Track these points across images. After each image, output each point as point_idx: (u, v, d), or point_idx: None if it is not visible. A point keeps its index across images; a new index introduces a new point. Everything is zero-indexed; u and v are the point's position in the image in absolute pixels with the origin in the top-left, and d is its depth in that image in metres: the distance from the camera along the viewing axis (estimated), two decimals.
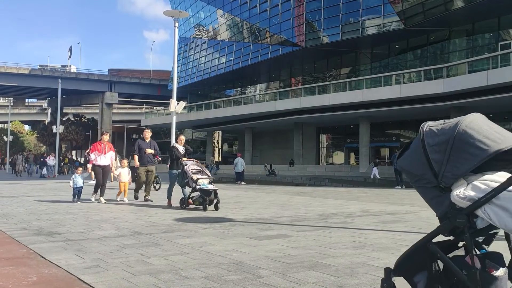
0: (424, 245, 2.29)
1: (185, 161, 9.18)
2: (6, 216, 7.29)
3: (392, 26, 31.75)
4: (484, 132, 2.08)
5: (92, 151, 10.10)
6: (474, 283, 2.00)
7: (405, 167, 2.33)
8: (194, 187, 8.63)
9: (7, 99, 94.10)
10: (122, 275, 3.55)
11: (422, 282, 2.34)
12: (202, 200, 8.46)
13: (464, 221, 2.08)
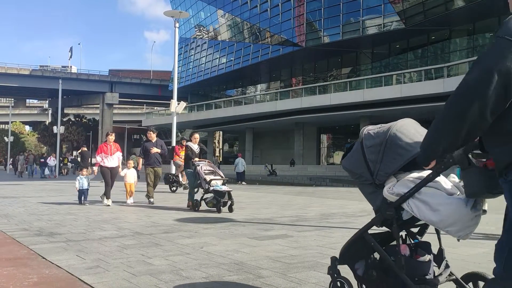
0: (361, 236, 2.58)
1: (197, 162, 8.86)
2: (7, 217, 7.29)
3: (393, 26, 31.75)
4: (411, 136, 2.38)
5: (98, 153, 9.81)
6: (399, 267, 2.34)
7: (347, 166, 2.58)
8: (207, 188, 8.35)
9: (8, 100, 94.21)
10: (122, 275, 3.55)
11: (361, 269, 2.66)
12: (216, 202, 8.17)
13: (392, 213, 2.34)
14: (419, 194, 2.26)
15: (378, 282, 2.54)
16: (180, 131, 54.00)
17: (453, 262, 4.06)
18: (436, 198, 2.23)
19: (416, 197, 2.25)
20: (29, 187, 16.18)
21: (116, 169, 9.79)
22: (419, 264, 2.44)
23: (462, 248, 4.79)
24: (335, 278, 2.79)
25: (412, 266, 2.40)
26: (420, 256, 2.50)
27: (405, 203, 2.29)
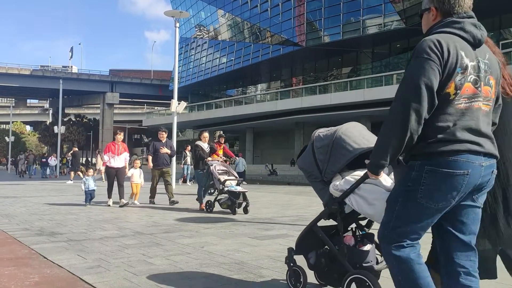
0: (311, 229, 2.92)
1: (210, 161, 8.59)
2: (8, 217, 7.30)
3: (393, 25, 31.74)
4: (354, 138, 2.68)
5: (106, 152, 9.58)
6: (342, 255, 2.72)
7: (301, 165, 2.89)
8: (222, 189, 8.07)
9: (8, 100, 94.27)
10: (123, 275, 3.56)
11: (313, 258, 3.00)
12: (231, 203, 7.86)
13: (336, 207, 2.69)
14: (359, 190, 2.57)
15: (326, 269, 2.91)
16: (180, 131, 54.01)
17: None
18: (373, 194, 2.48)
19: (356, 192, 2.57)
20: (30, 187, 16.19)
21: (122, 169, 9.58)
22: (361, 253, 2.77)
23: None
24: (291, 267, 3.11)
25: (354, 254, 2.75)
26: (362, 246, 2.82)
27: (347, 198, 2.62)
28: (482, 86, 2.02)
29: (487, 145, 2.02)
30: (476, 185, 2.03)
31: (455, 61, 1.94)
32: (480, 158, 1.99)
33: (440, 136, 1.96)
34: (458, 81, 1.95)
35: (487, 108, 2.06)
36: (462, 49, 1.98)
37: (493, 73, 2.10)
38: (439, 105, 1.96)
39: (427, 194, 1.99)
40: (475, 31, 2.06)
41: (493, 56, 2.16)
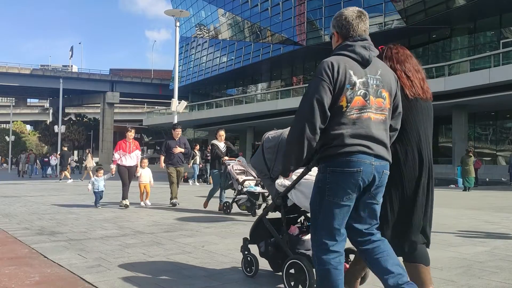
0: (261, 220, 3.30)
1: (227, 161, 8.22)
2: (8, 216, 7.30)
3: (394, 24, 31.72)
4: None
5: (116, 150, 9.12)
6: (284, 243, 3.09)
7: (253, 164, 3.20)
8: (240, 189, 7.67)
9: (9, 99, 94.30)
10: (124, 274, 3.56)
11: (263, 247, 3.35)
12: (250, 204, 7.56)
13: (280, 201, 3.05)
14: (299, 186, 2.90)
15: (274, 256, 3.29)
16: (183, 128, 53.92)
17: (454, 261, 4.06)
18: (309, 188, 2.64)
19: (296, 188, 2.91)
20: (30, 187, 16.20)
21: (133, 168, 9.15)
22: (301, 241, 3.15)
23: (464, 247, 4.79)
24: (246, 255, 3.49)
25: (296, 243, 3.13)
26: (303, 235, 3.19)
27: (289, 193, 2.96)
28: (371, 98, 2.37)
29: (377, 148, 2.35)
30: (370, 181, 2.34)
31: (344, 79, 2.31)
32: (370, 158, 2.32)
33: (336, 141, 2.32)
34: (349, 96, 2.31)
35: (381, 117, 2.39)
36: (351, 68, 2.34)
37: (385, 86, 2.43)
38: (334, 116, 2.33)
39: (332, 191, 2.33)
40: (363, 52, 2.39)
41: (387, 72, 2.49)
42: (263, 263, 3.53)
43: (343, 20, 2.48)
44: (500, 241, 5.17)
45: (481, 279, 3.44)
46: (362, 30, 2.48)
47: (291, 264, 2.94)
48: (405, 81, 2.68)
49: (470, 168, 15.79)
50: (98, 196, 8.84)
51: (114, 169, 9.18)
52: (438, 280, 3.40)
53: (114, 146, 9.53)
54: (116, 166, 9.09)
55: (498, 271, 3.68)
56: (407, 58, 2.75)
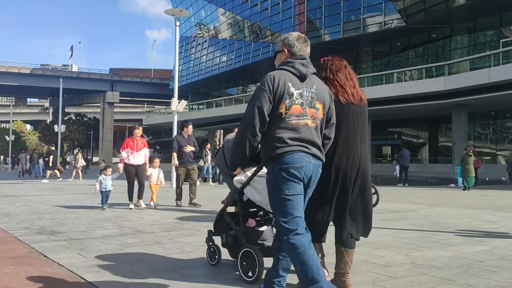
0: (221, 213, 3.65)
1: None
2: (8, 215, 7.30)
3: (394, 23, 31.71)
4: None
5: (124, 149, 8.72)
6: (240, 234, 3.42)
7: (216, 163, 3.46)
8: None
9: (8, 99, 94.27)
10: (124, 273, 3.56)
11: (224, 238, 3.69)
12: None
13: (237, 196, 3.33)
14: (253, 182, 3.16)
15: (233, 246, 3.57)
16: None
17: (454, 260, 4.07)
18: (261, 185, 3.00)
19: (250, 184, 3.18)
20: (30, 186, 16.20)
21: (142, 166, 8.83)
22: (256, 232, 3.46)
23: (463, 246, 4.79)
24: (210, 246, 3.85)
25: (251, 234, 3.45)
26: (260, 227, 3.52)
27: (245, 189, 3.23)
28: (307, 108, 2.74)
29: (313, 149, 2.73)
30: (310, 177, 2.71)
31: (283, 90, 2.68)
32: (309, 157, 2.69)
33: (278, 144, 2.66)
34: (287, 104, 2.69)
35: (314, 125, 2.76)
36: (290, 81, 2.73)
37: (319, 99, 2.80)
38: (276, 121, 2.69)
39: (284, 187, 2.64)
40: (301, 68, 2.79)
41: (322, 87, 2.87)
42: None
43: (291, 41, 2.91)
44: (499, 240, 5.17)
45: (481, 278, 3.44)
46: (305, 52, 2.91)
47: (245, 253, 3.26)
48: (338, 88, 3.09)
49: (470, 168, 15.78)
50: (105, 196, 8.38)
51: (122, 168, 8.85)
52: (438, 279, 3.40)
53: (121, 145, 9.17)
54: (124, 165, 8.73)
55: (498, 270, 3.68)
56: (341, 69, 3.17)
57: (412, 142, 36.01)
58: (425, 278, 3.43)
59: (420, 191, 15.65)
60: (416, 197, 12.01)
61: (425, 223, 6.68)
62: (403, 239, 5.20)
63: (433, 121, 33.95)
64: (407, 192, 14.59)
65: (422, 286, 3.21)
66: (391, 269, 3.72)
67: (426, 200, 11.07)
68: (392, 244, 4.86)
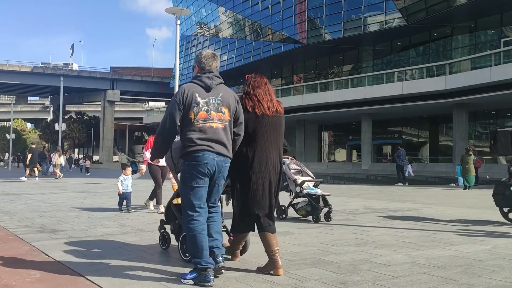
0: (169, 205, 4.17)
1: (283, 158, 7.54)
2: (9, 214, 7.31)
3: (395, 23, 31.66)
4: None
5: (147, 148, 7.95)
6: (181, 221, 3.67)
7: (166, 161, 3.83)
8: (300, 191, 6.73)
9: (9, 97, 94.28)
10: (124, 272, 3.56)
11: (172, 226, 4.20)
12: (311, 209, 6.63)
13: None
14: None
15: (178, 233, 4.05)
16: None
17: (455, 259, 4.07)
18: None
19: None
20: (30, 184, 16.21)
21: (166, 168, 8.06)
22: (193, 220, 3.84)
23: (464, 245, 4.79)
24: (162, 233, 4.42)
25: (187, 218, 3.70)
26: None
27: None
28: (213, 113, 3.35)
29: (218, 148, 3.33)
30: (214, 171, 3.34)
31: (191, 100, 3.31)
32: (213, 155, 3.31)
33: (188, 143, 3.31)
34: (195, 111, 3.31)
35: (222, 126, 3.37)
36: (198, 92, 3.36)
37: (225, 104, 3.41)
38: (187, 125, 3.32)
39: (189, 178, 3.31)
40: (207, 81, 3.41)
41: (228, 95, 3.48)
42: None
43: (200, 58, 3.54)
44: (500, 240, 5.17)
45: (481, 277, 3.44)
46: (213, 66, 3.51)
47: (183, 237, 3.83)
48: (255, 102, 3.65)
49: (470, 167, 15.76)
50: (124, 197, 7.71)
51: (144, 169, 8.29)
52: (438, 278, 3.40)
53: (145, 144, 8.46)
54: (147, 165, 7.99)
55: (498, 270, 3.68)
56: (261, 85, 3.71)
57: (412, 141, 35.98)
58: (426, 278, 3.43)
59: (420, 190, 15.65)
60: (416, 196, 12.01)
61: (425, 222, 6.68)
62: (404, 238, 5.20)
63: (433, 120, 33.92)
64: (408, 192, 14.59)
65: (423, 285, 3.21)
66: (392, 268, 3.72)
67: (427, 199, 11.07)
68: (392, 243, 4.87)
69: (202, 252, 3.23)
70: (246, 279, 3.37)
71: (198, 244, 3.24)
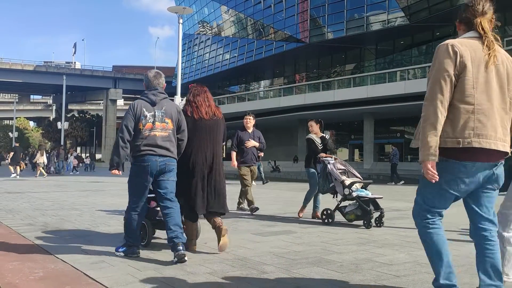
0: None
1: (325, 158, 6.69)
2: (12, 212, 7.33)
3: (397, 22, 31.62)
4: None
5: None
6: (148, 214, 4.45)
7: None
8: (349, 193, 6.14)
9: (12, 96, 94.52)
10: (127, 270, 3.57)
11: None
12: (362, 213, 6.02)
13: None
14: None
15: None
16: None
17: (456, 259, 4.06)
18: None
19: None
20: (33, 183, 16.26)
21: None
22: (155, 211, 4.49)
23: (466, 245, 4.78)
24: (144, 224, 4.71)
25: (151, 212, 4.48)
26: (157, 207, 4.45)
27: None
28: (157, 123, 4.05)
29: (160, 151, 4.02)
30: (158, 170, 4.02)
31: (140, 113, 4.03)
32: (156, 157, 4.01)
33: (137, 148, 4.02)
34: (143, 122, 4.03)
35: (165, 134, 4.07)
36: (145, 106, 4.08)
37: (167, 116, 4.11)
38: (137, 134, 4.02)
39: (136, 176, 4.08)
40: (152, 98, 4.13)
41: (171, 107, 4.17)
42: None
43: (147, 78, 4.25)
44: None
45: None
46: (156, 84, 4.22)
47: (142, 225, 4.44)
48: (194, 108, 4.35)
49: None
50: None
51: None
52: None
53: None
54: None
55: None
56: (200, 93, 4.40)
57: None
58: (428, 277, 3.42)
59: None
60: None
61: None
62: (405, 237, 5.20)
63: None
64: (409, 191, 14.56)
65: (425, 285, 3.21)
66: (394, 267, 3.72)
67: None
68: (394, 242, 4.86)
69: (133, 233, 4.10)
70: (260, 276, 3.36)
71: (131, 227, 4.09)
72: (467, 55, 2.47)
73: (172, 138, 4.11)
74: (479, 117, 2.43)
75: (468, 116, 2.43)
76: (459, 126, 2.44)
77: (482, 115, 2.44)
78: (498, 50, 2.52)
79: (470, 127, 2.43)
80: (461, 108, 2.44)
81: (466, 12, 2.70)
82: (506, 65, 2.52)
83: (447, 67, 2.45)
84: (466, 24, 2.73)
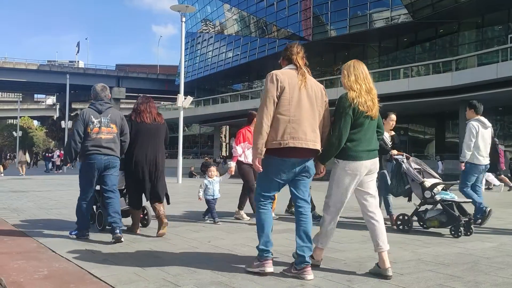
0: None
1: (397, 156, 5.85)
2: (16, 211, 7.36)
3: (400, 19, 31.50)
4: None
5: (239, 143, 6.49)
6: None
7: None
8: (430, 196, 5.34)
9: (16, 95, 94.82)
10: (131, 269, 3.58)
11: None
12: (448, 220, 5.23)
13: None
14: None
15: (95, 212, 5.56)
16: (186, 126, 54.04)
17: (461, 257, 4.05)
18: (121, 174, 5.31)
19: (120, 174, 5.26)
20: (37, 181, 16.31)
21: None
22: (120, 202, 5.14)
23: (471, 242, 4.77)
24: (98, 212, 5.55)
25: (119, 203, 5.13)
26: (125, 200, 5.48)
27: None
28: (103, 128, 4.86)
29: (105, 151, 4.82)
30: (103, 167, 4.83)
31: (88, 120, 4.85)
32: (101, 156, 4.81)
33: (84, 148, 4.83)
34: (91, 127, 4.83)
35: (110, 137, 4.89)
36: (93, 114, 4.89)
37: (112, 121, 4.93)
38: (86, 137, 4.81)
39: (84, 172, 4.89)
40: (99, 107, 4.98)
41: (115, 114, 5.01)
42: None
43: (94, 91, 5.10)
44: (507, 237, 5.15)
45: (488, 275, 3.43)
46: (103, 95, 5.08)
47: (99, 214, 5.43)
48: (137, 113, 5.16)
49: None
50: (213, 205, 6.19)
51: (234, 168, 6.68)
52: (445, 276, 3.39)
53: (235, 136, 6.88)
54: (237, 163, 6.58)
55: (505, 267, 3.67)
56: (143, 102, 5.23)
57: (418, 138, 35.84)
58: (432, 275, 3.42)
59: None
60: None
61: None
62: (409, 235, 5.19)
63: (440, 117, 33.75)
64: None
65: (429, 283, 3.20)
66: (398, 265, 3.71)
67: None
68: (398, 240, 4.85)
69: (83, 218, 4.90)
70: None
71: (81, 213, 4.88)
72: (285, 81, 3.35)
73: (116, 140, 4.94)
74: (293, 125, 3.32)
75: (286, 125, 3.31)
76: (280, 132, 3.30)
77: (296, 123, 3.32)
78: (308, 78, 3.50)
79: (288, 132, 3.30)
80: (280, 118, 3.32)
81: (286, 52, 3.66)
82: (314, 89, 3.49)
83: (272, 90, 3.33)
84: (287, 60, 3.63)
